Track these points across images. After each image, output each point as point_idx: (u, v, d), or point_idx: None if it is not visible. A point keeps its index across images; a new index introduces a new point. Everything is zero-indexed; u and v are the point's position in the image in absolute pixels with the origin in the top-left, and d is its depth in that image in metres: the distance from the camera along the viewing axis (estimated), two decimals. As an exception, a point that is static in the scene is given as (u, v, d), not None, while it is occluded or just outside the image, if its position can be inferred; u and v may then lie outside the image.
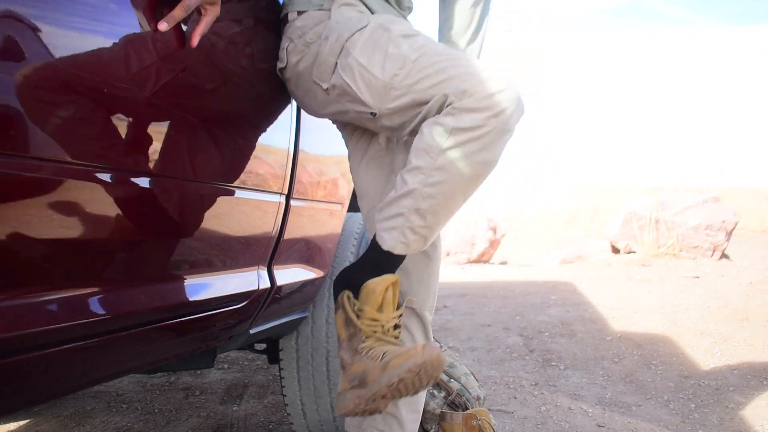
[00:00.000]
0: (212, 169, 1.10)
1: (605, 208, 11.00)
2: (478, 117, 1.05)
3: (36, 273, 0.79)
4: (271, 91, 1.29)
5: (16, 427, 1.98)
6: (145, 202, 0.96)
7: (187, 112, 1.02)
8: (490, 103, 1.05)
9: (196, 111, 1.04)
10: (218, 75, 1.09)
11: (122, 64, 0.86)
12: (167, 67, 0.95)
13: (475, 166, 1.08)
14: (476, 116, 1.04)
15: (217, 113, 1.10)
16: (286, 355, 1.68)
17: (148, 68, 0.91)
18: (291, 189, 1.40)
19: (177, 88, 0.99)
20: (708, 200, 6.36)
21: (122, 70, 0.86)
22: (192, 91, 1.03)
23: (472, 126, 1.05)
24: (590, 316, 3.95)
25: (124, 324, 0.94)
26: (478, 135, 1.05)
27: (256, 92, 1.24)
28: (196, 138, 1.05)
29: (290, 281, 1.44)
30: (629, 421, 2.29)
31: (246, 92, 1.21)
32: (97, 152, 0.84)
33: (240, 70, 1.17)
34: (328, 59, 1.18)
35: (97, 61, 0.82)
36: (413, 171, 1.10)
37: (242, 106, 1.20)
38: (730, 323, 3.64)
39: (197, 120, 1.05)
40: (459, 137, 1.05)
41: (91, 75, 0.81)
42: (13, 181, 0.73)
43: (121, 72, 0.86)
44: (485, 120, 1.05)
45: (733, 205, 7.26)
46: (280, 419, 2.11)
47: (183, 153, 1.02)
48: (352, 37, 1.15)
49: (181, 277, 1.07)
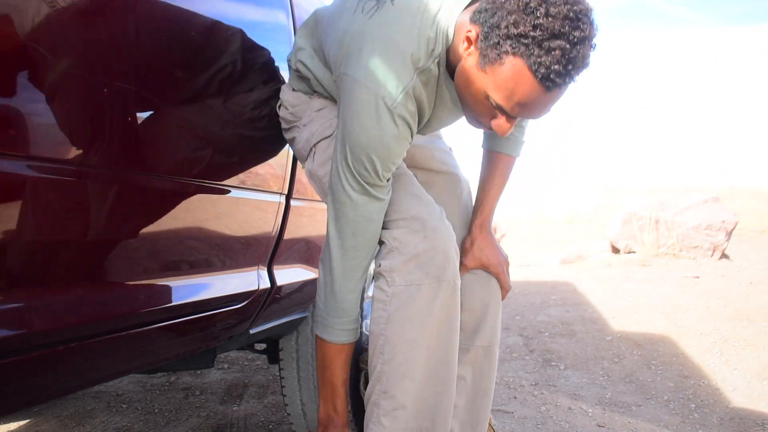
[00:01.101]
0: (213, 169, 1.10)
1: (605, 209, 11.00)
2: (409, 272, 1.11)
3: (36, 273, 0.79)
4: (271, 91, 1.30)
5: (16, 427, 1.98)
6: (144, 202, 0.96)
7: (188, 112, 1.02)
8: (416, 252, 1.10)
9: (196, 111, 1.04)
10: (220, 76, 1.09)
11: (122, 64, 0.86)
12: (169, 69, 0.95)
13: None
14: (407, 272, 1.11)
15: (217, 114, 1.10)
16: (286, 355, 1.68)
17: (150, 69, 0.91)
18: (291, 189, 1.40)
19: (178, 90, 0.99)
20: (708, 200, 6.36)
21: (122, 70, 0.86)
22: (192, 92, 1.03)
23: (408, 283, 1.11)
24: (590, 316, 3.95)
25: (124, 324, 0.94)
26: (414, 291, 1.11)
27: (256, 93, 1.24)
28: (197, 138, 1.05)
29: (290, 281, 1.44)
30: (629, 421, 2.29)
31: (246, 93, 1.21)
32: (97, 152, 0.84)
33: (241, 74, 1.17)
34: (301, 152, 1.27)
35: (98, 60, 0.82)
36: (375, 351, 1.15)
37: (243, 107, 1.20)
38: (730, 323, 3.64)
39: (198, 120, 1.05)
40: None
41: (92, 76, 0.81)
42: (13, 181, 0.72)
43: (120, 71, 0.86)
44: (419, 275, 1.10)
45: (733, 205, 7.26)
46: (280, 419, 2.11)
47: (183, 153, 1.02)
48: (318, 143, 1.21)
49: (181, 277, 1.07)
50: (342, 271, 1.14)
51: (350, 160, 1.06)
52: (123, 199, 0.91)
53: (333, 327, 1.17)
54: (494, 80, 0.96)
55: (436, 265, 1.11)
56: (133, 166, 0.91)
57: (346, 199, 1.09)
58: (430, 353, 1.12)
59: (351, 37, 1.06)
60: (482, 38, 0.95)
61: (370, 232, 1.12)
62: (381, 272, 1.14)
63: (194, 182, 1.05)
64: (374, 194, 1.09)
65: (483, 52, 0.96)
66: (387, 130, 1.04)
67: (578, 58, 0.92)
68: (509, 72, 0.93)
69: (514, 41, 0.91)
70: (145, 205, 0.97)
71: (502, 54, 0.93)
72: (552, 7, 0.90)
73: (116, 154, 0.87)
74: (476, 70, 0.98)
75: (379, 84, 1.02)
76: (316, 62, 1.22)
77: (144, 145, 0.92)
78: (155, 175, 0.95)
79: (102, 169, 0.85)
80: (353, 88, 1.04)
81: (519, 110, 0.99)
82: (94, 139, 0.83)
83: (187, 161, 1.03)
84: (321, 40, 1.20)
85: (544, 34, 0.90)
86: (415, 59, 1.04)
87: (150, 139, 0.93)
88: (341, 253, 1.13)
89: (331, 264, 1.15)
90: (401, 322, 1.11)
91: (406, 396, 1.12)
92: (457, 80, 1.05)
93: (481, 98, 1.01)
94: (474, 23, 0.98)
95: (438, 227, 1.13)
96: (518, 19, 0.90)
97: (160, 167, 0.97)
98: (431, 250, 1.11)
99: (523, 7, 0.90)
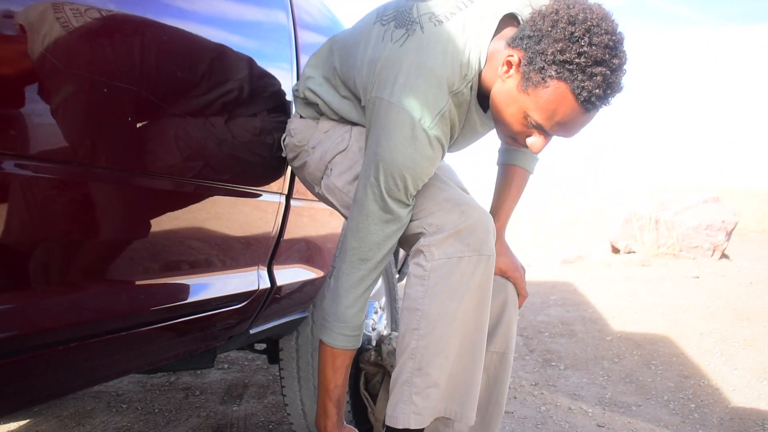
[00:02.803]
0: (213, 169, 1.10)
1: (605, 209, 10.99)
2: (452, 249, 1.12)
3: (36, 273, 0.79)
4: (272, 91, 1.30)
5: (16, 427, 1.98)
6: (144, 202, 0.96)
7: (189, 113, 1.02)
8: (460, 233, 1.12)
9: (197, 112, 1.04)
10: (221, 77, 1.09)
11: (128, 69, 0.86)
12: (169, 70, 0.96)
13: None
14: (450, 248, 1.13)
15: (218, 114, 1.10)
16: (286, 355, 1.68)
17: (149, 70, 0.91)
18: (291, 189, 1.40)
19: (178, 91, 0.99)
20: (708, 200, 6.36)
21: (127, 75, 0.86)
22: (193, 93, 1.03)
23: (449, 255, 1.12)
24: (590, 316, 3.95)
25: (124, 324, 0.94)
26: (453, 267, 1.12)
27: (256, 93, 1.24)
28: (197, 138, 1.05)
29: (290, 281, 1.44)
30: (629, 421, 2.29)
31: (247, 93, 1.21)
32: (97, 152, 0.84)
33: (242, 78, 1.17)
34: (315, 173, 1.29)
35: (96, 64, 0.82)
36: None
37: (243, 107, 1.20)
38: (730, 323, 3.64)
39: (198, 121, 1.05)
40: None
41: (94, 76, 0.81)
42: (13, 181, 0.73)
43: (124, 74, 0.86)
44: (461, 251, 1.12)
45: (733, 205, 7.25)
46: (280, 419, 2.11)
47: (183, 153, 1.02)
48: (333, 159, 1.25)
49: (181, 277, 1.07)
50: (352, 281, 1.18)
51: (382, 179, 1.10)
52: (123, 199, 0.91)
53: (332, 330, 1.19)
54: (536, 101, 1.03)
55: (477, 238, 1.13)
56: (133, 166, 0.91)
57: (371, 214, 1.13)
58: (465, 330, 1.13)
59: (383, 63, 1.11)
60: (526, 63, 1.02)
61: (386, 248, 1.16)
62: (420, 248, 1.15)
63: (194, 182, 1.05)
64: (398, 213, 1.13)
65: (526, 75, 1.03)
66: (422, 151, 1.09)
67: (616, 83, 1.00)
68: (552, 95, 1.01)
69: (560, 67, 0.99)
70: (145, 206, 0.97)
71: (547, 78, 1.00)
72: (595, 37, 0.98)
73: (116, 155, 0.88)
74: (517, 91, 1.05)
75: (415, 107, 1.07)
76: (325, 88, 1.27)
77: (144, 145, 0.92)
78: (155, 176, 0.95)
79: (102, 170, 0.85)
80: (389, 111, 1.08)
81: (557, 129, 1.06)
82: (94, 140, 0.83)
83: (187, 161, 1.03)
84: (336, 68, 1.25)
85: (588, 61, 0.97)
86: (449, 83, 1.09)
87: (150, 140, 0.93)
88: (354, 264, 1.17)
89: (341, 271, 1.18)
90: (441, 296, 1.12)
91: (441, 374, 1.12)
92: (494, 101, 1.11)
93: (520, 117, 1.07)
94: (515, 48, 1.05)
95: (473, 204, 1.17)
96: (564, 47, 0.98)
97: (160, 167, 0.97)
98: (472, 225, 1.13)
99: (568, 36, 0.98)
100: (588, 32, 0.98)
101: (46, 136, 0.76)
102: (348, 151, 1.24)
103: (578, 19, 0.98)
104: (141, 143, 0.92)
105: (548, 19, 1.00)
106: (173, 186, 1.00)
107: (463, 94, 1.12)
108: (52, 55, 0.74)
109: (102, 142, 0.85)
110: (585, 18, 0.98)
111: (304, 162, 1.30)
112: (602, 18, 0.99)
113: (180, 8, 0.99)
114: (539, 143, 1.10)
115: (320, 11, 1.69)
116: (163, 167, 0.97)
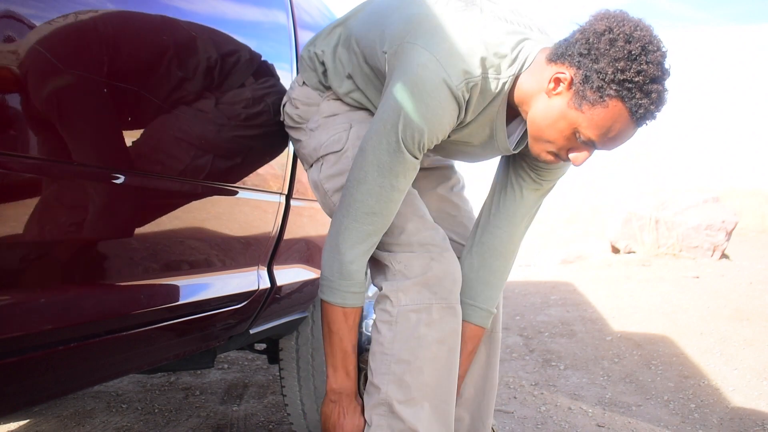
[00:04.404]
0: (213, 169, 1.10)
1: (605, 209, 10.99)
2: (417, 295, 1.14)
3: (36, 273, 0.79)
4: (272, 92, 1.30)
5: (16, 427, 1.98)
6: (144, 202, 0.96)
7: (189, 114, 1.02)
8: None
9: (197, 113, 1.04)
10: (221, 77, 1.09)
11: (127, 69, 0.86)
12: (169, 69, 0.96)
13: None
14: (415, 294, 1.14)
15: (218, 114, 1.10)
16: (286, 355, 1.68)
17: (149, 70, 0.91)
18: (291, 189, 1.40)
19: (178, 90, 0.99)
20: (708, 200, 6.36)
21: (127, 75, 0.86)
22: (193, 94, 1.03)
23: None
24: (590, 316, 3.95)
25: (124, 324, 0.94)
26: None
27: (256, 93, 1.24)
28: (197, 138, 1.05)
29: (290, 281, 1.44)
30: (629, 421, 2.29)
31: (247, 94, 1.21)
32: (98, 152, 0.84)
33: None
34: (307, 157, 1.28)
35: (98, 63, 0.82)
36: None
37: (243, 107, 1.20)
38: (730, 323, 3.64)
39: (198, 121, 1.05)
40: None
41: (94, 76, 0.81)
42: (14, 181, 0.73)
43: (124, 74, 0.86)
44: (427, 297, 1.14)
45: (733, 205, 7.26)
46: (280, 419, 2.11)
47: (183, 153, 1.02)
48: (326, 156, 1.23)
49: (181, 277, 1.07)
50: (358, 236, 1.13)
51: (400, 127, 1.06)
52: (123, 199, 0.91)
53: (339, 290, 1.15)
54: (591, 119, 1.03)
55: (445, 288, 1.14)
56: (133, 166, 0.91)
57: (381, 164, 1.09)
58: (437, 379, 1.14)
59: (428, 17, 1.09)
60: (581, 81, 1.02)
61: (395, 201, 1.12)
62: (385, 294, 1.16)
63: (194, 182, 1.05)
64: (409, 164, 1.10)
65: (581, 93, 1.02)
66: (445, 106, 1.06)
67: (666, 99, 1.02)
68: (610, 113, 1.01)
69: (619, 85, 0.99)
70: (146, 206, 0.97)
71: (605, 96, 1.00)
72: (650, 54, 0.99)
73: (116, 155, 0.88)
74: (568, 108, 1.05)
75: (447, 63, 1.05)
76: (341, 51, 1.23)
77: (144, 145, 0.92)
78: (155, 176, 0.95)
79: (101, 170, 0.85)
80: (420, 56, 1.05)
81: (607, 144, 1.07)
82: (94, 140, 0.83)
83: (187, 161, 1.03)
84: (354, 34, 1.21)
85: (645, 79, 0.98)
86: (487, 64, 1.08)
87: (151, 140, 0.93)
88: (360, 218, 1.12)
89: (344, 226, 1.13)
90: (411, 342, 1.13)
91: (416, 420, 1.12)
92: (536, 117, 1.09)
93: (569, 133, 1.07)
94: (563, 65, 1.05)
95: (444, 251, 1.17)
96: (624, 66, 0.98)
97: (160, 168, 0.97)
98: (440, 275, 1.14)
99: (626, 55, 0.98)
100: (644, 50, 0.98)
101: (46, 136, 0.76)
102: (342, 155, 1.22)
103: (634, 37, 0.99)
104: (142, 143, 0.92)
105: (604, 39, 1.00)
106: (173, 186, 1.00)
107: (490, 85, 1.09)
108: (51, 55, 0.74)
109: (102, 142, 0.85)
110: (640, 36, 0.99)
111: (300, 140, 1.28)
112: (652, 34, 1.01)
113: (180, 8, 0.99)
114: (583, 157, 1.10)
115: (320, 11, 1.69)
116: (163, 167, 0.97)
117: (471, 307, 1.30)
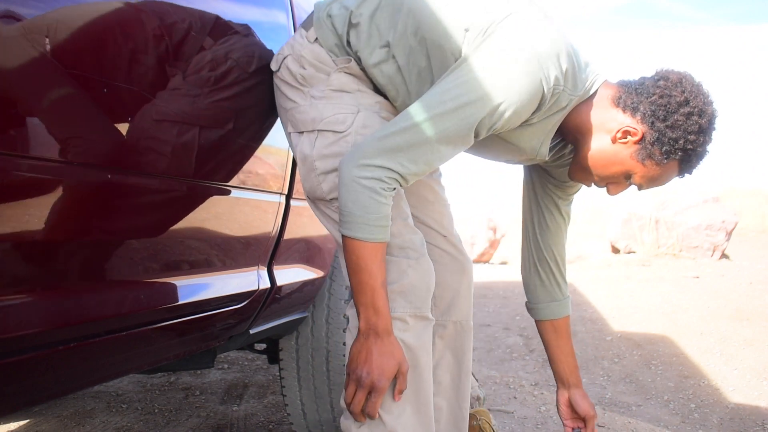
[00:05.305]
0: (213, 169, 1.10)
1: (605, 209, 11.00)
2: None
3: (36, 273, 0.79)
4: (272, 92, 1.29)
5: (16, 427, 1.98)
6: (144, 202, 0.96)
7: (189, 114, 1.02)
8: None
9: (197, 113, 1.04)
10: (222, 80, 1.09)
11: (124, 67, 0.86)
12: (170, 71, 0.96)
13: None
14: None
15: (218, 114, 1.10)
16: (286, 355, 1.68)
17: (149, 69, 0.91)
18: (291, 189, 1.40)
19: (178, 92, 0.99)
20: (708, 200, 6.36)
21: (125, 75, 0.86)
22: (193, 94, 1.03)
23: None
24: (590, 316, 3.95)
25: (124, 324, 0.94)
26: None
27: (256, 92, 1.24)
28: (196, 138, 1.05)
29: (290, 281, 1.44)
30: (629, 421, 2.29)
31: (247, 93, 1.21)
32: (98, 152, 0.84)
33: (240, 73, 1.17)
34: (298, 123, 1.18)
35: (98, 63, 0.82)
36: None
37: (243, 107, 1.20)
38: (730, 323, 3.64)
39: (198, 121, 1.05)
40: None
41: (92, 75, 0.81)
42: (14, 181, 0.73)
43: (121, 73, 0.86)
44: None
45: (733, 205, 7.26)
46: (280, 419, 2.11)
47: (183, 153, 1.02)
48: (325, 131, 1.16)
49: (181, 277, 1.07)
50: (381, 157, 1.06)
51: (480, 103, 1.04)
52: (123, 199, 0.91)
53: (368, 224, 1.08)
54: (648, 171, 1.13)
55: (419, 297, 1.14)
56: (132, 166, 0.91)
57: (444, 124, 1.05)
58: (418, 380, 1.14)
59: (525, 15, 1.09)
60: (652, 141, 1.10)
61: (430, 156, 1.07)
62: None
63: (194, 182, 1.05)
64: (467, 139, 1.08)
65: (649, 151, 1.11)
66: (532, 100, 1.06)
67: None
68: (667, 169, 1.12)
69: (684, 152, 1.09)
70: (145, 205, 0.97)
71: (670, 158, 1.10)
72: (714, 127, 1.11)
73: (116, 154, 0.88)
74: (630, 159, 1.13)
75: (547, 65, 1.05)
76: (381, 16, 1.16)
77: (145, 145, 0.92)
78: (155, 175, 0.95)
79: (101, 169, 0.85)
80: (523, 50, 1.04)
81: (649, 187, 1.18)
82: (94, 139, 0.83)
83: (186, 161, 1.03)
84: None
85: (704, 148, 1.11)
86: (569, 77, 1.09)
87: (151, 139, 0.93)
88: (392, 158, 1.05)
89: (370, 160, 1.05)
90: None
91: (401, 426, 1.12)
92: (595, 156, 1.15)
93: (620, 176, 1.16)
94: (637, 119, 1.11)
95: (421, 256, 1.16)
96: (695, 139, 1.08)
97: (160, 167, 0.96)
98: (416, 281, 1.14)
99: (698, 129, 1.08)
100: (710, 124, 1.09)
101: (45, 135, 0.76)
102: (342, 138, 1.15)
103: (705, 112, 1.08)
104: (142, 143, 0.92)
105: (682, 111, 1.07)
106: (173, 186, 1.00)
107: (566, 98, 1.10)
108: (50, 54, 0.74)
109: (102, 142, 0.85)
110: (710, 111, 1.09)
111: (297, 102, 1.19)
112: (714, 106, 1.11)
113: (180, 8, 0.99)
114: (621, 190, 1.19)
115: (320, 11, 1.69)
116: (163, 167, 0.97)
117: (555, 303, 1.43)
